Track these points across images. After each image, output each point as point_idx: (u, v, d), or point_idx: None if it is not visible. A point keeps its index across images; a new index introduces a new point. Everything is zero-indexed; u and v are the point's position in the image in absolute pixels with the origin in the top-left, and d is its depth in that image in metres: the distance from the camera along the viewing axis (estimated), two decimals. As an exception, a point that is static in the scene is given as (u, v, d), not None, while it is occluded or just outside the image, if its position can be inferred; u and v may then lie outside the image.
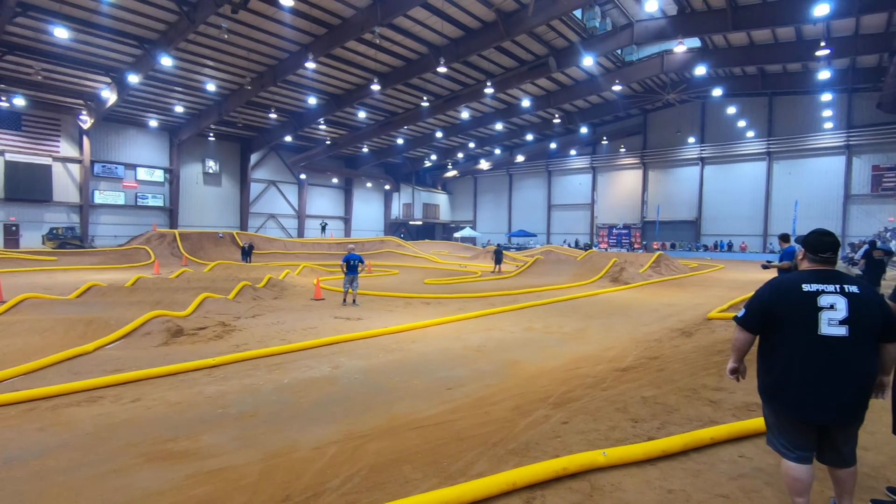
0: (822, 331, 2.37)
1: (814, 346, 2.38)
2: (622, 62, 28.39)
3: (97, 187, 30.38)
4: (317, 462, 3.49)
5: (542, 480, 3.02)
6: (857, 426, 2.46)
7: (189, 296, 10.24)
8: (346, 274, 11.35)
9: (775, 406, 2.52)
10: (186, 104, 29.33)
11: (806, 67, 28.31)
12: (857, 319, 2.35)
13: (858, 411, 2.39)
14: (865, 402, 2.40)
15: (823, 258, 2.52)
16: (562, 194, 46.49)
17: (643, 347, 7.14)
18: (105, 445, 3.79)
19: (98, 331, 7.58)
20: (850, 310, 2.35)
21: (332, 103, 29.51)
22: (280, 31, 21.32)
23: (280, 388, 5.22)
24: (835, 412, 2.37)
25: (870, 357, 2.39)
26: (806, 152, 34.48)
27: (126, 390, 5.09)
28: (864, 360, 2.37)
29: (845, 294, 2.38)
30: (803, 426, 2.47)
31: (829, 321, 2.36)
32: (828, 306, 2.37)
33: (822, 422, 2.42)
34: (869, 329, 2.36)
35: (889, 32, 20.88)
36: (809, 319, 2.39)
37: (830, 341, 2.36)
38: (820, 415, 2.39)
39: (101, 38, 20.89)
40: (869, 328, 2.36)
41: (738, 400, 4.47)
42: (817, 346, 2.38)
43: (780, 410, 2.50)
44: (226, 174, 36.92)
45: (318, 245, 33.28)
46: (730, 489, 2.95)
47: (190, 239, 27.40)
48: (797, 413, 2.44)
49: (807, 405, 2.40)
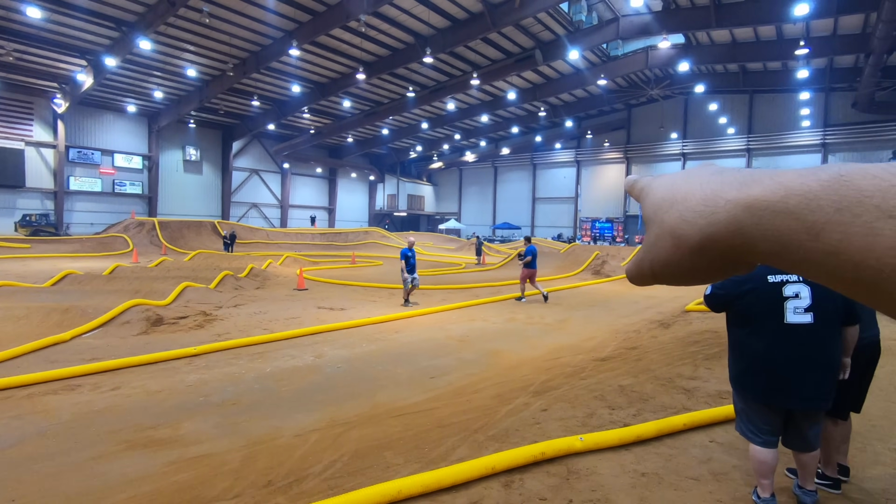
0: (788, 319, 2.46)
1: (781, 334, 2.47)
2: (607, 57, 28.56)
3: (72, 173, 29.54)
4: (299, 449, 3.52)
5: (520, 465, 3.10)
6: (821, 411, 2.58)
7: (169, 285, 10.10)
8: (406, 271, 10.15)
9: (745, 393, 2.63)
10: (166, 89, 28.62)
11: (786, 66, 28.87)
12: (821, 306, 2.45)
13: (824, 396, 2.49)
14: (831, 386, 2.50)
15: None
16: (546, 187, 46.77)
17: (622, 338, 7.30)
18: (84, 433, 3.76)
19: (75, 319, 7.44)
20: (814, 297, 2.45)
21: (317, 92, 29.11)
22: (263, 16, 20.91)
23: (262, 377, 5.22)
24: (802, 397, 2.47)
25: (834, 342, 2.49)
26: (784, 149, 35.25)
27: (105, 379, 5.03)
28: (829, 345, 2.48)
29: (808, 282, 2.47)
30: (770, 412, 2.58)
31: (794, 309, 2.46)
32: (793, 295, 2.47)
33: (790, 407, 2.52)
34: (832, 315, 2.47)
35: (865, 34, 21.39)
36: (776, 309, 2.48)
37: (797, 329, 2.45)
38: (787, 400, 2.50)
39: (76, 19, 20.20)
40: (832, 314, 2.46)
41: (712, 388, 4.62)
42: (784, 334, 2.47)
43: (749, 397, 2.61)
44: (207, 162, 36.23)
45: (301, 235, 32.98)
46: (700, 472, 3.07)
47: (170, 227, 26.90)
48: (766, 399, 2.54)
49: (775, 391, 2.50)
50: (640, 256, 0.41)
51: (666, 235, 0.37)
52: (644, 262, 0.40)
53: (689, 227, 0.35)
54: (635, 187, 0.44)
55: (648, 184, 0.42)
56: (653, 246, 0.39)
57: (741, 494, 2.82)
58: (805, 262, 0.30)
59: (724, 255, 0.35)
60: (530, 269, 11.09)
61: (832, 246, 0.28)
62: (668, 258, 0.37)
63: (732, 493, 2.83)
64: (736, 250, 0.33)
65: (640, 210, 0.42)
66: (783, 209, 0.30)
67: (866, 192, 0.27)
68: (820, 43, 22.85)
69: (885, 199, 0.27)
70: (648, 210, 0.40)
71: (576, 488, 2.89)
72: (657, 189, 0.40)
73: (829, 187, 0.29)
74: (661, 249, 0.38)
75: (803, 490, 2.64)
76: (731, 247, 0.33)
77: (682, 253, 0.36)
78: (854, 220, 0.27)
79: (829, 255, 0.28)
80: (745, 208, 0.32)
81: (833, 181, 0.29)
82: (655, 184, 0.41)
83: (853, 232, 0.27)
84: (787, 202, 0.30)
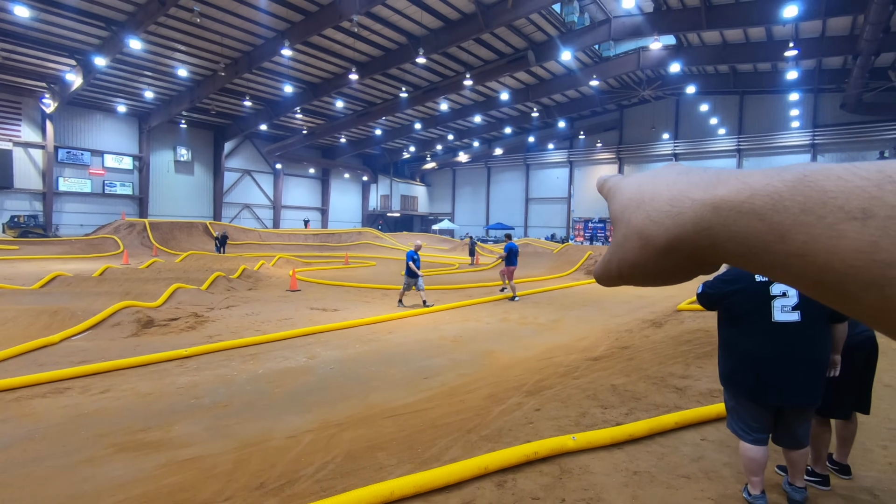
0: (775, 318, 2.48)
1: (769, 333, 2.49)
2: (599, 57, 28.70)
3: (61, 174, 29.22)
4: (292, 450, 3.50)
5: (513, 464, 3.10)
6: (811, 409, 2.60)
7: (160, 286, 10.02)
8: (414, 276, 10.04)
9: (735, 391, 2.65)
10: (157, 89, 28.39)
11: (775, 67, 29.15)
12: (809, 304, 2.47)
13: (813, 393, 2.51)
14: (819, 384, 2.52)
15: None
16: (539, 188, 46.90)
17: (615, 338, 7.33)
18: (73, 437, 3.72)
19: (64, 321, 7.36)
20: (801, 295, 2.46)
21: (309, 92, 29.01)
22: (255, 16, 20.81)
23: (254, 379, 5.19)
24: (790, 395, 2.49)
25: (822, 339, 2.51)
26: (774, 150, 35.59)
27: (94, 381, 4.98)
28: (817, 343, 2.50)
29: None
30: (760, 410, 2.60)
31: (781, 308, 2.48)
32: (780, 294, 2.49)
33: (779, 404, 2.54)
34: (820, 312, 2.48)
35: (853, 35, 21.65)
36: (764, 307, 2.50)
37: (785, 327, 2.47)
38: (776, 398, 2.52)
39: (65, 18, 19.99)
40: (820, 311, 2.48)
41: (703, 387, 4.65)
42: (772, 332, 2.49)
43: (739, 395, 2.63)
44: (198, 162, 35.98)
45: (294, 236, 32.84)
46: (691, 470, 3.08)
47: (161, 228, 26.67)
48: (755, 397, 2.56)
49: (764, 389, 2.52)
50: (608, 257, 0.40)
51: (633, 236, 0.37)
52: (612, 263, 0.40)
53: (656, 228, 0.35)
54: (604, 186, 0.44)
55: (616, 183, 0.42)
56: (620, 246, 0.38)
57: (732, 492, 2.84)
58: (771, 264, 0.30)
59: (691, 256, 0.34)
60: (511, 266, 11.45)
61: (797, 248, 0.28)
62: (635, 259, 0.37)
63: (723, 491, 2.85)
64: (702, 251, 0.33)
65: (608, 210, 0.42)
66: (749, 210, 0.30)
67: (830, 193, 0.27)
68: (809, 44, 23.10)
69: (848, 201, 0.26)
70: (616, 210, 0.40)
71: (568, 487, 2.90)
72: (625, 189, 0.40)
73: (794, 188, 0.28)
74: (628, 250, 0.37)
75: (793, 487, 2.67)
76: (698, 247, 0.33)
77: (648, 253, 0.36)
78: (818, 221, 0.27)
79: (794, 257, 0.28)
80: (712, 208, 0.32)
81: (797, 182, 0.28)
82: (623, 183, 0.41)
83: (818, 234, 0.27)
84: (752, 202, 0.30)
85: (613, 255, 0.39)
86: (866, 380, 2.95)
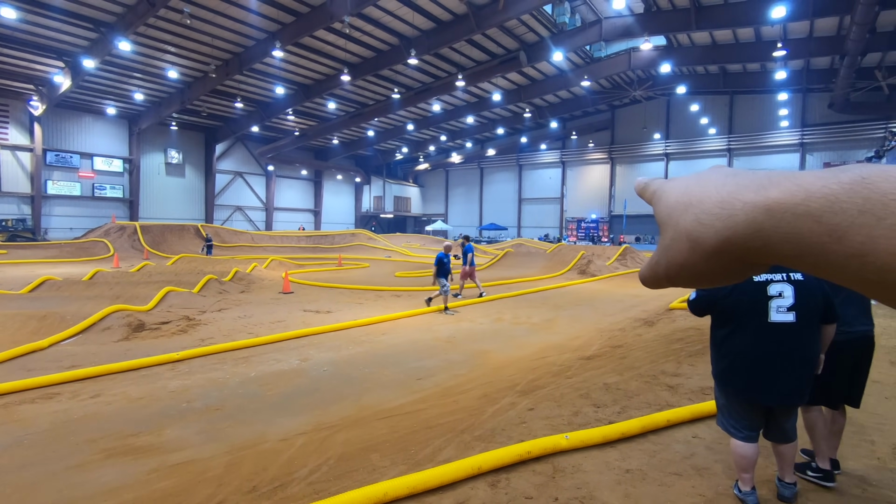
0: (771, 318, 2.51)
1: (764, 332, 2.52)
2: (591, 58, 28.85)
3: (50, 177, 28.92)
4: (284, 453, 3.49)
5: (507, 464, 3.11)
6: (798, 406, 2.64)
7: (151, 290, 9.93)
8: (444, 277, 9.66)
9: (727, 389, 2.66)
10: (147, 91, 28.18)
11: (764, 67, 29.45)
12: (803, 306, 2.50)
13: (803, 392, 2.55)
14: (809, 383, 2.56)
15: None
16: (532, 188, 47.04)
17: (608, 337, 7.36)
18: (62, 442, 3.68)
19: (53, 326, 7.27)
20: (797, 297, 2.50)
21: (301, 93, 28.92)
22: (246, 17, 20.72)
23: (247, 382, 5.16)
24: (783, 394, 2.52)
25: (813, 340, 2.55)
26: (764, 149, 35.93)
27: (84, 386, 4.93)
28: (809, 344, 2.54)
29: (791, 282, 2.53)
30: (752, 408, 2.62)
31: (777, 308, 2.51)
32: (776, 294, 2.52)
33: (771, 403, 2.57)
34: (813, 314, 2.53)
35: (840, 36, 21.92)
36: (760, 308, 2.53)
37: (780, 328, 2.50)
38: (769, 397, 2.54)
39: (52, 20, 19.80)
40: (813, 313, 2.52)
41: (695, 385, 4.69)
42: (767, 332, 2.52)
43: (731, 393, 2.65)
44: (189, 165, 35.75)
45: (286, 238, 32.69)
46: (683, 467, 3.11)
47: (152, 231, 26.44)
48: (748, 395, 2.58)
49: (758, 388, 2.54)
50: (655, 260, 0.41)
51: (682, 238, 0.37)
52: (659, 266, 0.40)
53: (706, 230, 0.35)
54: (647, 190, 0.44)
55: (660, 187, 0.42)
56: (668, 249, 0.39)
57: (723, 489, 2.86)
58: (826, 265, 0.30)
59: (742, 258, 0.34)
60: (470, 266, 11.84)
61: (856, 248, 0.28)
62: (684, 261, 0.37)
63: (715, 488, 2.88)
64: (754, 253, 0.33)
65: (654, 212, 0.42)
66: (804, 212, 0.30)
67: (890, 195, 0.27)
68: (797, 45, 23.37)
69: None
70: (662, 213, 0.40)
71: (561, 486, 2.91)
72: (670, 192, 0.40)
73: (852, 189, 0.28)
74: (676, 252, 0.38)
75: (782, 482, 2.69)
76: (749, 249, 0.33)
77: (698, 256, 0.36)
78: (878, 222, 0.27)
79: (852, 258, 0.28)
80: (764, 211, 0.32)
81: (855, 184, 0.28)
82: (668, 187, 0.41)
83: (878, 235, 0.27)
84: (808, 205, 0.30)
85: (661, 257, 0.40)
86: (858, 375, 2.98)
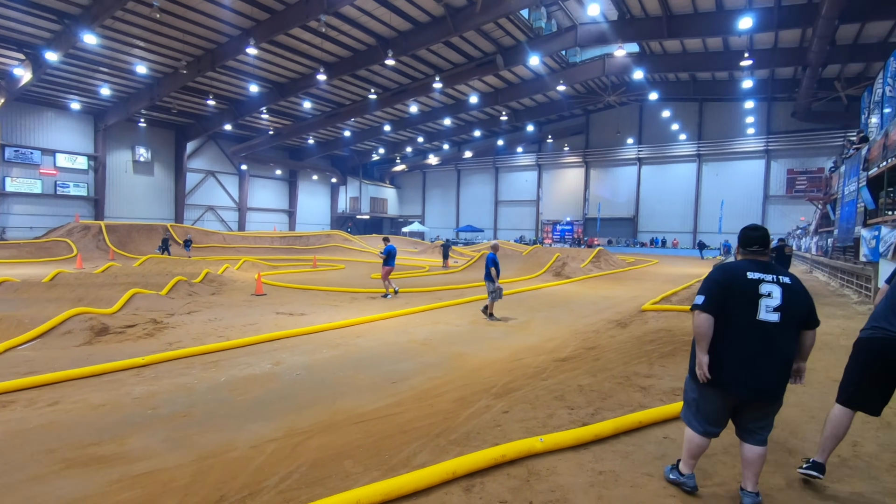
0: (759, 316, 2.59)
1: (751, 329, 2.59)
2: (566, 63, 29.29)
3: (9, 174, 27.66)
4: (254, 461, 3.39)
5: (481, 468, 3.09)
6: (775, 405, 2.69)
7: (116, 292, 9.59)
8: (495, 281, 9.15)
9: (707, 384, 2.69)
10: (114, 86, 27.24)
11: (732, 76, 30.44)
12: (788, 307, 2.59)
13: (780, 390, 2.62)
14: (786, 382, 2.64)
15: (752, 251, 2.75)
16: (508, 190, 47.42)
17: (582, 338, 7.45)
18: (17, 453, 3.49)
19: (9, 330, 6.94)
20: (784, 298, 2.59)
21: (276, 92, 28.46)
22: (219, 13, 20.26)
23: (216, 387, 5.02)
24: (761, 390, 2.59)
25: (793, 342, 2.64)
26: (731, 155, 37.11)
27: (42, 393, 4.70)
28: (789, 344, 2.62)
29: (780, 284, 2.61)
30: (723, 403, 2.69)
31: (766, 307, 2.59)
32: (766, 294, 2.60)
33: (750, 399, 2.63)
34: (796, 316, 2.61)
35: (803, 47, 22.83)
36: (751, 305, 2.60)
37: (765, 326, 2.58)
38: (748, 393, 2.61)
39: (12, 10, 18.93)
40: (796, 316, 2.61)
41: (666, 386, 4.77)
42: (754, 329, 2.59)
43: (706, 387, 2.68)
44: (158, 163, 34.72)
45: (260, 239, 32.08)
46: (654, 468, 3.15)
47: (118, 231, 25.57)
48: (728, 390, 2.64)
49: (739, 383, 2.60)
50: None
51: None
52: None
53: None
54: None
55: None
56: None
57: (693, 488, 2.91)
58: None
59: None
60: (389, 266, 11.96)
61: None
62: None
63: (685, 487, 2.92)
64: None
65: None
66: None
67: None
68: (762, 55, 24.23)
69: None
70: None
71: (536, 489, 2.91)
72: None
73: None
74: None
75: (745, 492, 2.70)
76: None
77: None
78: None
79: None
80: None
81: None
82: None
83: None
84: None
85: None
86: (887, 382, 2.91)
